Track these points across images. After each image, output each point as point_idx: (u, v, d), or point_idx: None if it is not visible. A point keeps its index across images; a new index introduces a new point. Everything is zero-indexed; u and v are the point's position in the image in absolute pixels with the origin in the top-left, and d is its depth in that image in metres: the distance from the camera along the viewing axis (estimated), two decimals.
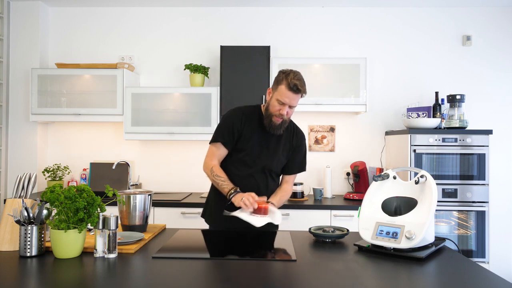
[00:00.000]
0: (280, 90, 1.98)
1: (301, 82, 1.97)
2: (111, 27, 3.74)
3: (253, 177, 2.09)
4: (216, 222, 2.20)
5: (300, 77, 1.99)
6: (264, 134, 2.09)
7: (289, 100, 1.97)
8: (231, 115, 2.15)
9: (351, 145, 3.65)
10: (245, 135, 2.08)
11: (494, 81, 3.61)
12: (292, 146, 2.15)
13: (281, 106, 1.99)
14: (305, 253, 1.65)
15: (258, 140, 2.08)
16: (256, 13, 3.69)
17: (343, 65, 3.31)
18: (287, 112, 2.00)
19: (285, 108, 1.98)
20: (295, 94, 1.96)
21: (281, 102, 1.98)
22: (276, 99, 2.00)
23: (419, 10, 3.65)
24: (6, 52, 3.57)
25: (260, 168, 2.09)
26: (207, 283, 1.32)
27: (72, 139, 3.74)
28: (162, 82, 3.71)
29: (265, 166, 2.10)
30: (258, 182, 2.10)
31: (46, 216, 1.61)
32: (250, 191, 1.96)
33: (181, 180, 3.67)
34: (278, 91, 1.99)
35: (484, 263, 3.07)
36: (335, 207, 3.06)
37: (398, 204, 1.73)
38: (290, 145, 2.14)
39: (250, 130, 2.08)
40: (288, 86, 1.95)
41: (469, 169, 3.09)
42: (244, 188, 2.01)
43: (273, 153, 2.10)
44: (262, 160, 2.09)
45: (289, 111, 2.01)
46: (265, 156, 2.09)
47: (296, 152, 2.16)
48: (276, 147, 2.11)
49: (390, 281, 1.34)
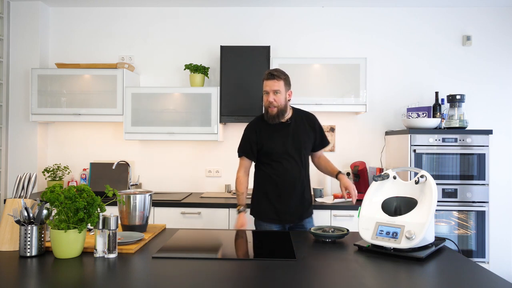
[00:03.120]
0: (263, 84, 2.37)
1: (276, 70, 2.33)
2: (111, 27, 3.74)
3: (285, 173, 2.35)
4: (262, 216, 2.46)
5: (277, 69, 2.37)
6: (279, 129, 2.38)
7: (269, 87, 2.32)
8: (245, 130, 2.49)
9: (351, 145, 3.65)
10: (266, 139, 2.38)
11: (494, 81, 3.61)
12: (312, 128, 2.45)
13: (267, 95, 2.33)
14: (305, 253, 1.65)
15: (279, 135, 2.37)
16: (256, 13, 3.69)
17: (343, 65, 3.30)
18: (274, 99, 2.30)
19: (269, 95, 2.31)
20: (272, 80, 2.31)
21: (265, 92, 2.35)
22: (263, 92, 2.38)
23: (419, 10, 3.65)
24: (6, 52, 3.57)
25: (292, 157, 2.35)
26: (207, 283, 1.32)
27: (72, 139, 3.74)
28: (162, 82, 3.71)
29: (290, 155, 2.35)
30: (292, 176, 2.35)
31: (46, 216, 1.61)
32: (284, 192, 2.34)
33: (181, 180, 3.67)
34: (263, 86, 2.38)
35: (484, 263, 3.07)
36: (335, 207, 3.06)
37: (398, 204, 1.73)
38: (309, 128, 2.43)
39: (267, 134, 2.39)
40: (265, 76, 2.34)
41: (469, 169, 3.09)
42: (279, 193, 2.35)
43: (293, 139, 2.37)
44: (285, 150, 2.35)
45: (275, 97, 2.31)
46: (286, 146, 2.36)
47: (318, 132, 2.47)
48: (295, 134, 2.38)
49: (390, 281, 1.34)
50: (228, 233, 2.09)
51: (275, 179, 2.35)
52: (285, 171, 2.34)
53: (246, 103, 3.30)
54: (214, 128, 3.31)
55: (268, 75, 2.32)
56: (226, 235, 2.04)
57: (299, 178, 2.36)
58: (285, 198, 2.35)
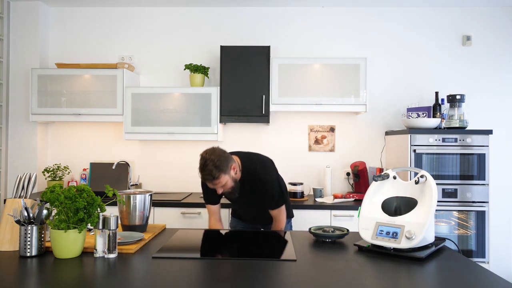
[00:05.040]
0: None
1: (206, 171, 2.03)
2: (111, 27, 3.74)
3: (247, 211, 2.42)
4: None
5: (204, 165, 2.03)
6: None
7: (211, 186, 2.11)
8: (203, 184, 2.28)
9: (351, 145, 3.65)
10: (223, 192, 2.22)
11: (494, 81, 3.61)
12: (259, 192, 2.24)
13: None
14: (305, 253, 1.65)
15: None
16: (256, 13, 3.69)
17: (343, 65, 3.30)
18: (224, 188, 2.11)
19: (217, 190, 2.12)
20: (211, 182, 2.07)
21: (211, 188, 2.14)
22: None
23: (419, 10, 3.65)
24: (6, 52, 3.57)
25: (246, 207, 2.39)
26: (207, 283, 1.32)
27: (72, 139, 3.74)
28: (162, 82, 3.71)
29: (245, 206, 2.39)
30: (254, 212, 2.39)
31: (46, 216, 1.61)
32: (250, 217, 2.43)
33: (181, 180, 3.67)
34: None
35: (484, 263, 3.07)
36: (335, 207, 3.06)
37: (398, 204, 1.73)
38: (257, 192, 2.24)
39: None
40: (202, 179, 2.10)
41: (469, 169, 3.09)
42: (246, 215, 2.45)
43: (244, 200, 2.30)
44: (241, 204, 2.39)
45: (224, 187, 2.11)
46: (239, 201, 2.32)
47: (263, 196, 2.25)
48: (243, 196, 2.24)
49: (390, 281, 1.34)
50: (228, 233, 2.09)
51: (239, 212, 2.50)
52: (244, 210, 2.44)
53: (246, 103, 3.30)
54: (214, 128, 3.31)
55: (203, 179, 2.09)
56: (226, 235, 2.04)
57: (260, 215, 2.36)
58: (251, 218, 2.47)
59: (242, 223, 2.50)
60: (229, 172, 2.09)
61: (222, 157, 2.06)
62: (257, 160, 2.27)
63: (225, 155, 2.09)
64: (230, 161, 2.10)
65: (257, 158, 2.29)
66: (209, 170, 2.02)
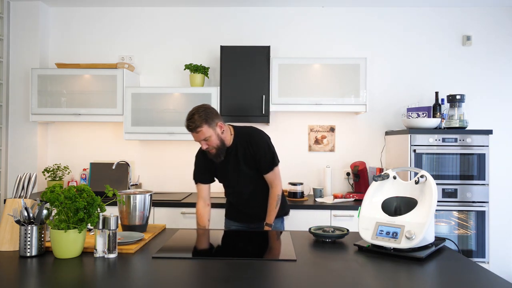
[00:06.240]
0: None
1: (191, 120, 2.10)
2: (111, 27, 3.74)
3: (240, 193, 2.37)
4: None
5: (191, 114, 2.12)
6: (225, 162, 2.28)
7: (195, 138, 2.16)
8: (196, 158, 2.38)
9: (351, 145, 3.65)
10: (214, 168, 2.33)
11: (494, 81, 3.61)
12: (252, 152, 2.27)
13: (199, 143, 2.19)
14: (305, 253, 1.65)
15: (223, 168, 2.31)
16: (256, 13, 3.69)
17: (343, 65, 3.30)
18: (207, 144, 2.16)
19: (201, 144, 2.17)
20: (193, 133, 2.13)
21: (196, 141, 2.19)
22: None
23: (419, 10, 3.65)
24: (6, 52, 3.57)
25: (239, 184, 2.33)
26: (207, 283, 1.32)
27: (72, 139, 3.74)
28: (162, 82, 3.71)
29: (237, 182, 2.33)
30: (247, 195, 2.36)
31: (46, 216, 1.61)
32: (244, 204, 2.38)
33: (181, 180, 3.67)
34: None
35: (484, 263, 3.07)
36: (335, 207, 3.06)
37: (398, 204, 1.73)
38: (250, 154, 2.27)
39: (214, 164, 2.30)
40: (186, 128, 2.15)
41: (469, 169, 3.09)
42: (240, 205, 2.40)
43: (237, 169, 2.29)
44: (233, 179, 2.33)
45: (208, 143, 2.16)
46: (232, 175, 2.32)
47: (258, 155, 2.27)
48: (237, 164, 2.28)
49: (390, 281, 1.34)
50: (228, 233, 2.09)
51: (231, 198, 2.44)
52: (238, 193, 2.38)
53: (246, 103, 3.30)
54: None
55: (187, 128, 2.14)
56: (226, 235, 2.04)
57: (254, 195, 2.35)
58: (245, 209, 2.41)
59: (236, 223, 2.46)
60: (214, 127, 2.14)
61: (210, 111, 2.14)
62: (250, 127, 2.36)
63: (214, 112, 2.17)
64: (217, 118, 2.17)
65: (250, 126, 2.38)
66: (194, 119, 2.10)
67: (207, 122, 2.11)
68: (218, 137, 2.16)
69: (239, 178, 2.32)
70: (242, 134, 2.28)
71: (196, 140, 2.16)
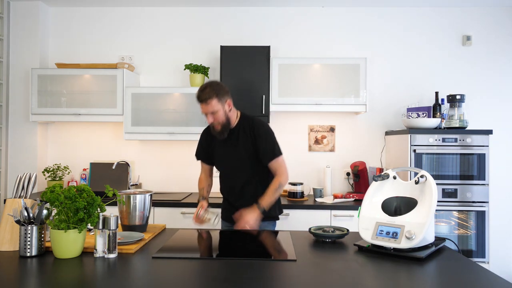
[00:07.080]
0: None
1: (203, 91, 2.19)
2: (111, 27, 3.74)
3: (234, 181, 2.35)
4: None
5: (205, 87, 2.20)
6: (224, 142, 2.33)
7: (203, 110, 2.23)
8: (201, 135, 2.47)
9: (351, 145, 3.65)
10: (213, 148, 2.39)
11: (494, 81, 3.61)
12: (252, 138, 2.30)
13: (206, 117, 2.25)
14: (305, 253, 1.65)
15: (222, 148, 2.35)
16: (256, 13, 3.69)
17: (343, 65, 3.30)
18: (213, 118, 2.22)
19: (208, 117, 2.23)
20: (202, 104, 2.20)
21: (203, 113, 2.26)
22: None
23: (419, 10, 3.65)
24: (6, 52, 3.57)
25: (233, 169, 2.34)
26: (207, 283, 1.32)
27: (72, 139, 3.74)
28: (162, 82, 3.71)
29: (234, 165, 2.33)
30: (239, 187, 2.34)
31: (46, 216, 1.61)
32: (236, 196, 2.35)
33: (181, 180, 3.67)
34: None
35: (484, 263, 3.07)
36: (335, 207, 3.06)
37: (398, 204, 1.73)
38: (250, 138, 2.30)
39: (214, 143, 2.38)
40: (197, 99, 2.23)
41: (469, 169, 3.09)
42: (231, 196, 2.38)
43: (234, 152, 2.31)
44: (230, 161, 2.34)
45: (214, 117, 2.22)
46: (229, 157, 2.33)
47: (258, 141, 2.29)
48: (235, 146, 2.31)
49: (390, 281, 1.34)
50: (228, 233, 2.09)
51: (225, 188, 2.43)
52: (232, 181, 2.36)
53: (246, 103, 3.30)
54: None
55: (198, 99, 2.21)
56: (226, 235, 2.04)
57: (247, 187, 2.32)
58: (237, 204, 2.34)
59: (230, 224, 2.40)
60: (223, 103, 2.22)
61: (222, 87, 2.24)
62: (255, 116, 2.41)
63: (226, 89, 2.26)
64: (228, 95, 2.25)
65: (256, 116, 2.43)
66: (206, 91, 2.18)
67: (218, 97, 2.19)
68: (225, 113, 2.23)
69: (235, 162, 2.32)
70: (247, 119, 2.35)
71: (204, 111, 2.22)
